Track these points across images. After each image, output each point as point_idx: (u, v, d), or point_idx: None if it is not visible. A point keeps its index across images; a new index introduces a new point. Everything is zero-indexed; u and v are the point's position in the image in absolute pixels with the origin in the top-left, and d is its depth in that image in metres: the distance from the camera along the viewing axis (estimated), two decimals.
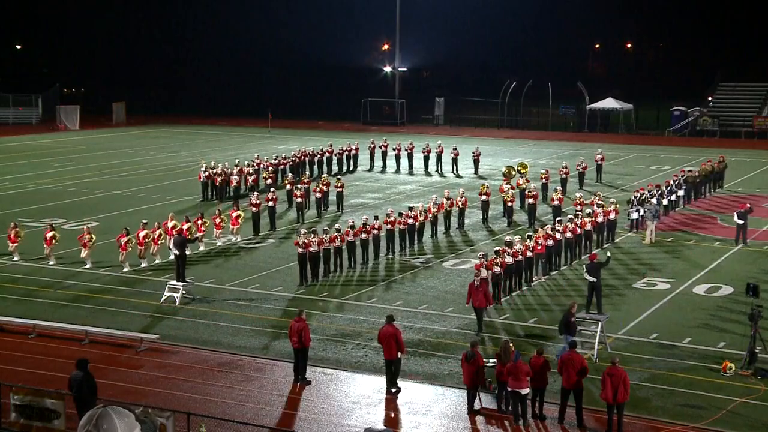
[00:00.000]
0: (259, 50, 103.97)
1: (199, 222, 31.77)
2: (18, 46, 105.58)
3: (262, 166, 44.99)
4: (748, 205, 33.60)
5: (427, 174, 49.89)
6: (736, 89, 76.65)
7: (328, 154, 50.03)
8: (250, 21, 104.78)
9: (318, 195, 38.16)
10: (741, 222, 31.99)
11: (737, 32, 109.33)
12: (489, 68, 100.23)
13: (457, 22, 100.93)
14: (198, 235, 31.04)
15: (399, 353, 19.24)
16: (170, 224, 30.62)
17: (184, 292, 25.73)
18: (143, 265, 29.34)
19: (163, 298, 25.65)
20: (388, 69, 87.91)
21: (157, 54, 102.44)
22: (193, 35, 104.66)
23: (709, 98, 77.82)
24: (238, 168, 43.22)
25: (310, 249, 27.47)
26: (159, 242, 29.73)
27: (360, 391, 19.59)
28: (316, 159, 49.31)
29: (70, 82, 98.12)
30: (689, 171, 41.47)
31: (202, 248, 31.75)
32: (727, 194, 42.81)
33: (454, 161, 50.07)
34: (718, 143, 63.44)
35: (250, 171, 43.33)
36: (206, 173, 41.90)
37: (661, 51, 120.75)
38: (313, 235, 27.84)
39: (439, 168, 50.54)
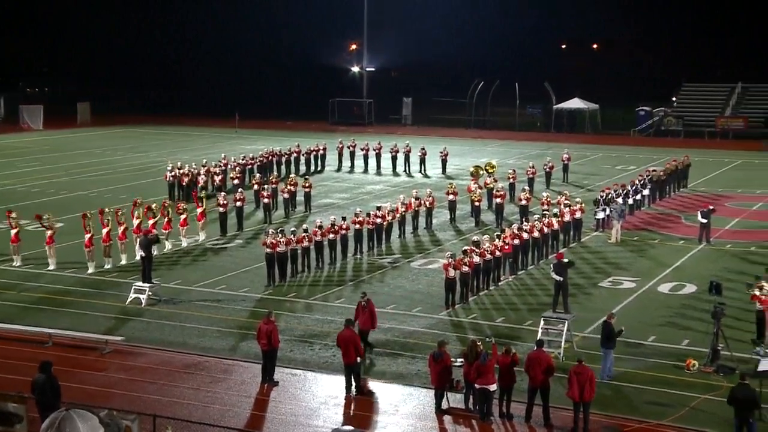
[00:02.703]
0: (226, 50, 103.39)
1: (165, 220, 31.41)
2: None
3: (229, 166, 44.78)
4: (711, 207, 34.04)
5: (395, 174, 49.92)
6: (700, 90, 77.56)
7: (295, 155, 49.89)
8: (216, 21, 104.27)
9: (286, 195, 38.04)
10: (704, 221, 32.37)
11: (702, 34, 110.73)
12: (456, 68, 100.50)
13: (424, 22, 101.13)
14: (165, 233, 30.80)
15: (358, 358, 19.21)
16: (136, 221, 30.35)
17: (150, 293, 25.52)
18: (107, 266, 29.06)
19: (129, 300, 25.42)
20: (355, 69, 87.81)
21: (123, 54, 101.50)
22: (159, 35, 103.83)
23: (674, 99, 78.70)
24: (205, 168, 42.95)
25: (278, 249, 27.38)
26: (125, 239, 29.48)
27: (328, 392, 19.56)
28: (283, 159, 49.15)
29: (33, 82, 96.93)
30: (654, 170, 41.91)
31: (168, 247, 31.51)
32: (691, 194, 43.30)
33: (422, 161, 50.16)
34: (682, 143, 64.14)
35: (217, 171, 43.08)
36: (173, 173, 41.60)
37: (627, 51, 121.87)
38: (280, 236, 27.74)
39: (407, 168, 50.61)
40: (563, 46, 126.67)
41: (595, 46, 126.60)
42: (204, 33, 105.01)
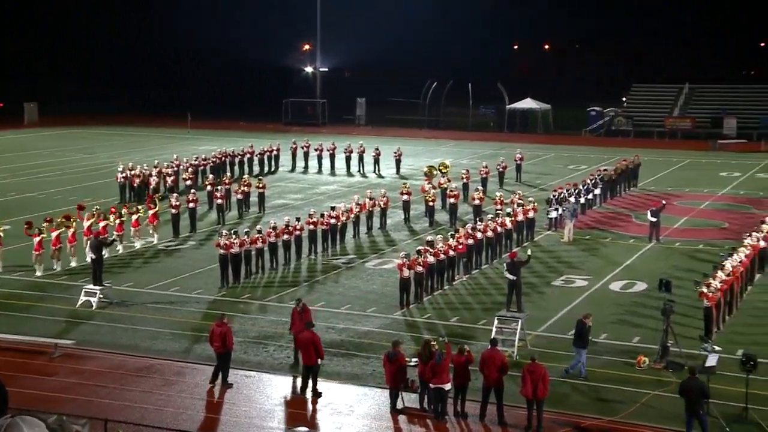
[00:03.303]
0: (179, 50, 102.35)
1: (117, 222, 31.04)
2: None
3: (181, 167, 44.34)
4: (663, 202, 34.58)
5: (349, 174, 49.89)
6: (649, 91, 78.75)
7: (249, 155, 49.59)
8: (168, 20, 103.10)
9: (239, 196, 37.80)
10: (654, 220, 32.87)
11: (650, 35, 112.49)
12: (410, 69, 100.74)
13: (378, 23, 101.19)
14: (115, 235, 30.40)
15: (318, 359, 19.16)
16: (86, 224, 29.91)
17: (101, 295, 25.17)
18: (56, 269, 28.59)
19: (80, 303, 25.04)
20: (309, 69, 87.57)
21: (71, 53, 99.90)
22: (109, 33, 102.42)
23: (624, 99, 79.80)
24: (157, 169, 42.48)
25: (232, 250, 27.19)
26: (75, 241, 29.03)
27: (282, 393, 19.48)
28: (237, 160, 48.83)
29: None
30: (605, 170, 42.44)
31: (120, 250, 31.11)
32: (641, 193, 43.94)
33: (376, 161, 50.19)
34: (632, 143, 65.04)
35: (169, 172, 42.64)
36: (124, 174, 41.09)
37: (578, 52, 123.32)
38: (234, 237, 27.55)
39: (361, 168, 50.60)
40: (515, 47, 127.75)
41: (546, 46, 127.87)
42: (154, 32, 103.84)
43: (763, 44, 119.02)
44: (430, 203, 36.36)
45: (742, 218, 37.10)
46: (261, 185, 38.96)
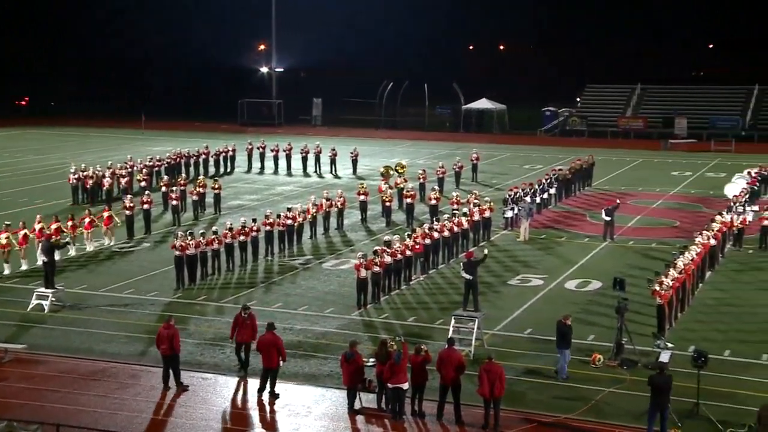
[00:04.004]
0: (132, 49, 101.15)
1: (69, 224, 30.67)
2: None
3: (135, 168, 43.85)
4: (617, 201, 35.03)
5: (306, 175, 49.74)
6: (603, 91, 79.70)
7: (204, 156, 49.21)
8: (121, 19, 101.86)
9: (194, 197, 37.51)
10: (608, 219, 33.26)
11: (603, 36, 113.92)
12: (366, 69, 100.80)
13: (334, 23, 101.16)
14: (68, 238, 29.97)
15: (280, 362, 19.05)
16: (38, 226, 29.42)
17: (53, 299, 24.76)
18: (6, 272, 28.07)
19: (31, 306, 24.61)
20: (264, 69, 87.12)
21: (21, 51, 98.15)
22: (61, 31, 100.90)
23: (578, 99, 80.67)
24: (111, 170, 41.95)
25: (187, 252, 26.96)
26: (26, 244, 28.53)
27: (240, 395, 19.34)
28: (192, 161, 48.42)
29: None
30: (560, 170, 42.86)
31: (72, 253, 30.66)
32: (596, 192, 44.44)
33: (333, 162, 50.10)
34: (586, 142, 65.76)
35: (123, 173, 42.13)
36: (76, 176, 40.50)
37: (532, 52, 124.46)
38: (190, 238, 27.31)
39: (318, 169, 50.48)
40: (471, 48, 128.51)
41: (501, 47, 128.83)
42: (108, 32, 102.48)
43: (711, 46, 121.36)
44: (387, 203, 36.39)
45: (693, 217, 37.71)
46: (217, 186, 38.68)
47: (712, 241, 27.87)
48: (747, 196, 35.73)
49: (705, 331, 23.13)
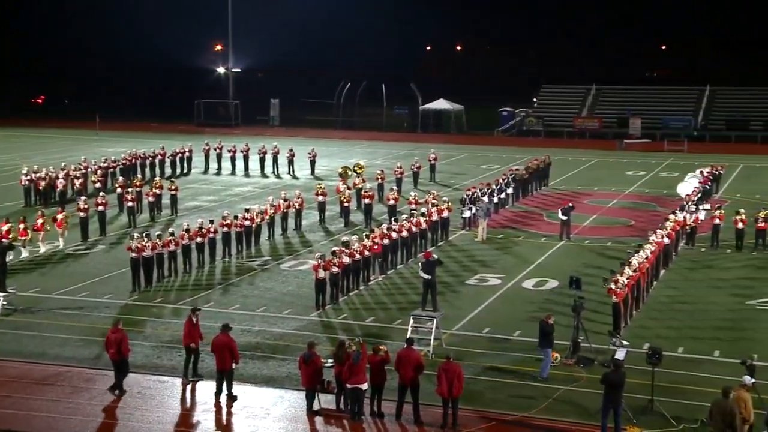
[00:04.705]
0: (86, 49, 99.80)
1: (21, 226, 30.18)
2: None
3: (90, 169, 43.31)
4: (570, 204, 35.34)
5: (263, 176, 49.51)
6: (558, 91, 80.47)
7: (160, 157, 48.75)
8: (74, 19, 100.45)
9: (151, 198, 37.16)
10: (564, 218, 33.58)
11: (559, 37, 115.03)
12: (324, 70, 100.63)
13: (291, 22, 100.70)
14: (21, 239, 29.48)
15: (233, 364, 18.92)
16: None
17: (4, 302, 24.34)
18: None
19: None
20: (221, 70, 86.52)
21: None
22: (14, 31, 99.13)
23: (534, 100, 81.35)
24: (65, 171, 41.35)
25: (144, 254, 26.69)
26: None
27: (197, 398, 19.19)
28: (148, 162, 47.95)
29: None
30: (517, 170, 43.18)
31: (24, 255, 30.17)
32: (552, 192, 44.84)
33: (290, 162, 49.93)
34: (543, 143, 66.37)
35: (77, 175, 41.57)
36: (28, 177, 39.86)
37: (489, 53, 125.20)
38: (146, 240, 27.05)
39: (275, 169, 50.27)
40: (428, 48, 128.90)
41: (458, 48, 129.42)
42: (61, 32, 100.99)
43: (664, 47, 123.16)
44: (345, 204, 36.36)
45: (648, 216, 38.23)
46: (173, 187, 38.34)
47: (666, 240, 28.28)
48: (699, 195, 36.32)
49: (659, 328, 23.46)
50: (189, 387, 19.67)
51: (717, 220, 32.08)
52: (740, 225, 31.50)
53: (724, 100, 74.05)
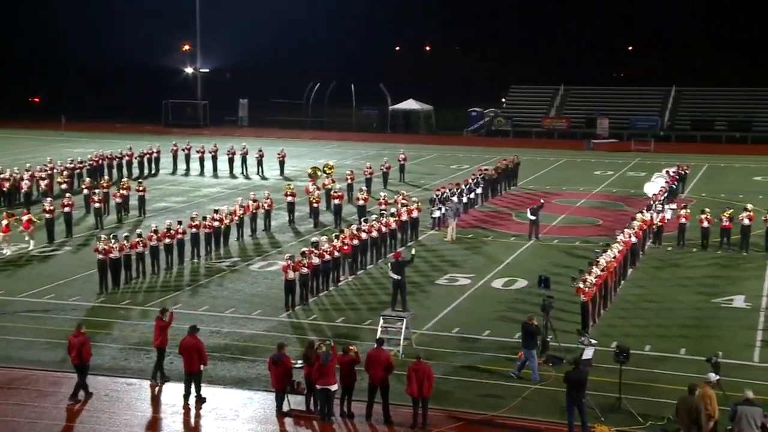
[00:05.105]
0: (51, 49, 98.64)
1: None
2: None
3: (55, 170, 42.85)
4: (541, 201, 35.59)
5: (232, 176, 49.27)
6: (527, 92, 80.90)
7: (128, 158, 48.34)
8: (39, 19, 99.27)
9: (118, 200, 36.86)
10: (533, 218, 33.77)
11: (527, 37, 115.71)
12: (293, 70, 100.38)
13: (260, 23, 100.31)
14: None
15: (202, 365, 18.80)
16: None
17: None
18: None
19: None
20: (189, 70, 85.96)
21: None
22: None
23: (503, 100, 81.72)
24: (29, 173, 40.87)
25: (111, 255, 26.45)
26: None
27: (165, 400, 19.06)
28: (115, 162, 47.53)
29: None
30: (486, 170, 43.35)
31: (7, 252, 29.80)
32: (521, 191, 45.07)
33: (259, 163, 49.74)
34: (511, 143, 66.64)
35: (43, 176, 41.11)
36: None
37: (458, 54, 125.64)
38: (113, 241, 26.80)
39: (244, 170, 50.05)
40: (397, 48, 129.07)
41: (427, 48, 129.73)
42: (25, 32, 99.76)
43: (631, 48, 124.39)
44: (315, 204, 36.29)
45: (615, 215, 38.55)
46: (141, 188, 38.07)
47: (633, 239, 28.54)
48: (666, 194, 36.71)
49: (627, 327, 23.66)
50: (157, 389, 19.53)
51: (683, 220, 32.43)
52: (705, 224, 31.87)
53: (690, 100, 74.91)
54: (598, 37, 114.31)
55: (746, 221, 31.47)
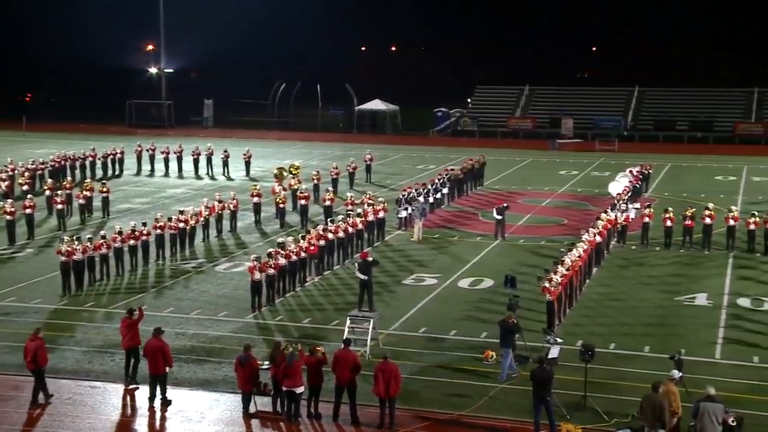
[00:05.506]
0: (11, 49, 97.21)
1: None
2: None
3: (16, 171, 42.28)
4: (505, 204, 35.74)
5: (198, 177, 48.95)
6: (492, 92, 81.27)
7: (91, 159, 47.82)
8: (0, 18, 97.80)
9: (81, 201, 36.47)
10: (499, 217, 33.93)
11: (492, 38, 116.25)
12: (258, 69, 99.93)
13: (224, 22, 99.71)
14: None
15: (167, 368, 18.65)
16: None
17: None
18: None
19: None
20: (153, 70, 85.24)
21: None
22: None
23: (469, 100, 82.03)
24: None
25: (74, 257, 26.16)
26: None
27: (130, 403, 18.88)
28: (78, 163, 47.00)
29: None
30: (452, 170, 43.48)
31: None
32: (487, 191, 45.27)
33: (225, 163, 49.46)
34: (477, 143, 66.93)
35: (3, 177, 40.55)
36: None
37: (424, 54, 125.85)
38: (76, 243, 26.52)
39: (210, 170, 49.73)
40: (363, 49, 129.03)
41: (393, 48, 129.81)
42: None
43: (594, 48, 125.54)
44: (281, 205, 36.17)
45: (580, 215, 38.87)
46: (105, 189, 37.70)
47: (598, 238, 28.77)
48: (629, 193, 37.08)
49: (591, 325, 23.86)
50: (122, 392, 19.33)
51: (646, 219, 32.78)
52: (669, 223, 32.24)
53: (652, 100, 75.73)
54: (562, 37, 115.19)
55: (708, 220, 31.88)
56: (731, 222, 31.79)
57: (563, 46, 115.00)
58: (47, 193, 37.50)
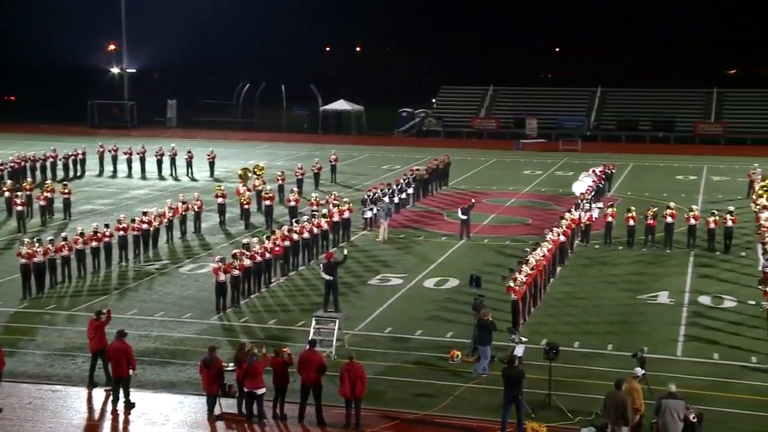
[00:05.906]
0: None
1: None
2: None
3: None
4: (472, 201, 35.92)
5: (161, 178, 48.54)
6: (457, 92, 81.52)
7: (52, 159, 47.20)
8: None
9: (42, 202, 35.98)
10: (464, 217, 34.06)
11: (456, 39, 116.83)
12: (222, 69, 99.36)
13: (187, 22, 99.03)
14: None
15: (130, 370, 18.47)
16: None
17: None
18: None
19: None
20: (115, 70, 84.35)
21: None
22: None
23: (434, 100, 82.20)
24: None
25: (35, 259, 25.81)
26: None
27: (92, 407, 18.68)
28: (38, 164, 46.38)
29: None
30: (417, 170, 43.56)
31: None
32: (452, 191, 45.41)
33: (189, 164, 49.09)
34: (442, 143, 67.11)
35: None
36: None
37: (388, 54, 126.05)
38: (37, 245, 26.17)
39: (173, 171, 49.35)
40: (327, 49, 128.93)
41: (358, 48, 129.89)
42: None
43: (558, 49, 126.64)
44: (245, 206, 36.00)
45: (544, 214, 39.12)
46: (66, 191, 37.23)
47: (562, 238, 28.99)
48: (593, 193, 37.40)
49: (556, 324, 24.04)
50: (84, 396, 19.11)
51: (609, 218, 33.08)
52: (631, 222, 32.56)
53: (615, 101, 76.45)
54: (525, 38, 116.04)
55: (669, 219, 32.26)
56: (692, 221, 32.21)
57: (527, 47, 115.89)
58: (6, 194, 36.96)
